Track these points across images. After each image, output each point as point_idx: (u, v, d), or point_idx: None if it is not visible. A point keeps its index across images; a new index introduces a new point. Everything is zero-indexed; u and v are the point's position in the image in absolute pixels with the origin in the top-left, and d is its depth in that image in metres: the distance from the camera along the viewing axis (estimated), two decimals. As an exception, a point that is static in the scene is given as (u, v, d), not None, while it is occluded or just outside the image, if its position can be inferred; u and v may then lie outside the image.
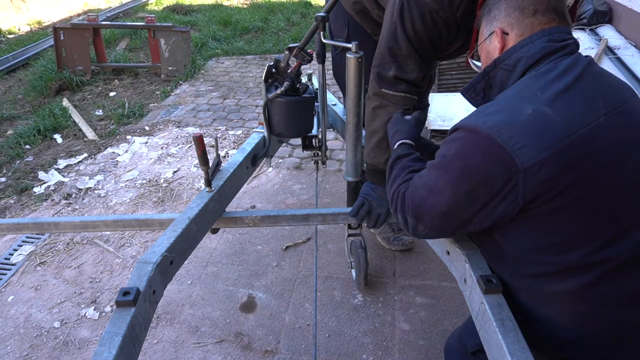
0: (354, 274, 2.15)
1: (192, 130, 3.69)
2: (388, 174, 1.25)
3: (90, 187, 2.99)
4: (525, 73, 1.01)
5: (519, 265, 1.03)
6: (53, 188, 2.99)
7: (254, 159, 1.86)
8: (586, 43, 3.70)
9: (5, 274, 2.31)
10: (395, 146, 1.31)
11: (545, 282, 0.99)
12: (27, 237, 2.55)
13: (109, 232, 2.55)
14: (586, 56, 1.00)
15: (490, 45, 1.10)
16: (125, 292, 1.11)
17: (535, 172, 0.87)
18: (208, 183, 1.54)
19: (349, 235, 2.07)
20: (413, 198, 1.07)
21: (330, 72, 2.11)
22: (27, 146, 3.53)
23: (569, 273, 0.95)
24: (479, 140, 0.92)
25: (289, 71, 1.73)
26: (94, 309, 2.09)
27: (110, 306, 2.11)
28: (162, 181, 3.02)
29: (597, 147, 0.89)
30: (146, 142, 3.52)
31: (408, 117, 1.43)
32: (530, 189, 0.89)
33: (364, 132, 1.77)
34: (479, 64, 1.19)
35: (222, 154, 3.30)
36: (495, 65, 1.07)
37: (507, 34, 1.05)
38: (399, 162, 1.23)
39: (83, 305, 2.12)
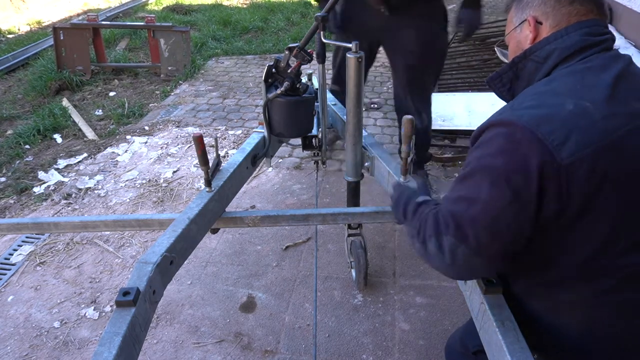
0: (354, 274, 2.16)
1: (192, 130, 3.69)
2: (410, 217, 1.11)
3: (90, 187, 2.99)
4: (556, 67, 0.95)
5: (536, 271, 0.99)
6: (53, 188, 2.99)
7: (254, 159, 1.86)
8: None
9: (5, 274, 2.31)
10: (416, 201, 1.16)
11: (561, 289, 0.96)
12: (26, 237, 2.55)
13: (108, 232, 2.54)
14: (625, 54, 0.95)
15: (520, 34, 1.04)
16: (125, 292, 1.11)
17: (575, 169, 0.82)
18: (208, 183, 1.54)
19: (349, 235, 2.07)
20: (453, 214, 0.92)
21: (330, 72, 2.11)
22: (27, 146, 3.53)
23: (587, 278, 0.92)
24: (517, 133, 0.85)
25: (289, 71, 1.73)
26: (94, 309, 2.09)
27: (110, 306, 2.11)
28: (161, 181, 3.02)
29: (635, 149, 0.85)
30: (146, 142, 3.52)
31: (413, 184, 1.34)
32: (569, 186, 0.83)
33: (364, 132, 1.77)
34: (507, 52, 1.13)
35: (222, 154, 3.30)
36: (525, 56, 1.01)
37: (540, 23, 0.99)
38: (420, 207, 1.09)
39: (83, 305, 2.11)
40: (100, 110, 4.12)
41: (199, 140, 1.42)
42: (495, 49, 1.25)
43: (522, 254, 0.96)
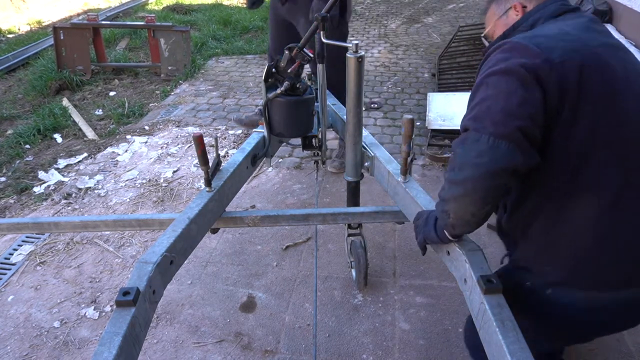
0: (354, 273, 2.16)
1: (192, 129, 3.69)
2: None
3: (90, 187, 2.99)
4: None
5: (543, 184, 1.08)
6: (53, 188, 2.99)
7: (254, 159, 1.86)
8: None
9: (5, 274, 2.31)
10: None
11: (563, 199, 1.05)
12: (27, 237, 2.55)
13: (108, 232, 2.55)
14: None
15: (507, 19, 1.21)
16: (125, 292, 1.11)
17: (566, 68, 0.96)
18: (208, 183, 1.54)
19: (349, 235, 2.07)
20: (468, 119, 1.03)
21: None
22: (27, 146, 3.53)
23: (582, 186, 1.02)
24: (513, 46, 1.01)
25: (289, 71, 1.73)
26: (94, 309, 2.09)
27: (110, 306, 2.11)
28: (161, 181, 3.02)
29: (610, 69, 1.00)
30: (146, 142, 3.52)
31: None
32: (562, 83, 0.96)
33: (364, 130, 1.77)
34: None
35: (222, 153, 3.30)
36: (515, 28, 1.17)
37: (525, 7, 1.17)
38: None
39: (83, 305, 2.12)
40: (100, 110, 4.12)
41: (199, 140, 1.42)
42: (483, 39, 1.41)
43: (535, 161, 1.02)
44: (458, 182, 1.02)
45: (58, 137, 3.65)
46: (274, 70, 1.75)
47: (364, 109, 1.72)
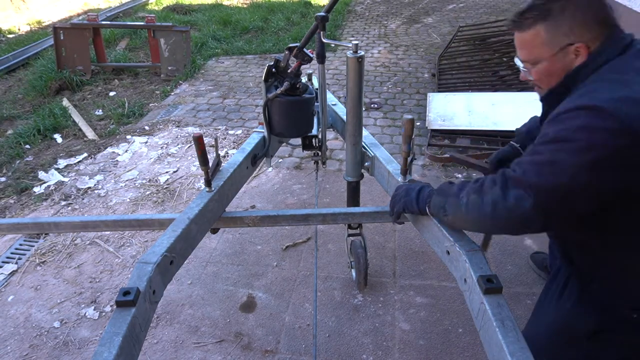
0: (354, 274, 2.15)
1: (192, 130, 3.69)
2: (443, 190, 1.20)
3: (90, 187, 2.99)
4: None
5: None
6: (53, 188, 2.99)
7: (254, 159, 1.86)
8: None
9: (5, 274, 2.31)
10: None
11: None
12: (26, 237, 2.55)
13: (108, 232, 2.54)
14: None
15: (566, 59, 1.06)
16: (125, 292, 1.11)
17: None
18: (208, 183, 1.54)
19: (349, 235, 2.07)
20: (525, 172, 0.99)
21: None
22: (27, 146, 3.53)
23: None
24: (600, 116, 0.91)
25: (289, 71, 1.73)
26: (94, 309, 2.09)
27: (110, 306, 2.11)
28: (162, 181, 3.02)
29: None
30: (146, 142, 3.52)
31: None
32: None
33: (364, 130, 1.77)
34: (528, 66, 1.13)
35: (222, 153, 3.30)
36: (577, 72, 1.05)
37: (589, 47, 1.04)
38: (462, 183, 1.17)
39: (83, 305, 2.12)
40: (100, 110, 4.12)
41: (199, 140, 1.42)
42: (521, 70, 1.17)
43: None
44: (475, 210, 1.06)
45: (58, 137, 3.65)
46: (274, 70, 1.75)
47: (364, 109, 1.72)
